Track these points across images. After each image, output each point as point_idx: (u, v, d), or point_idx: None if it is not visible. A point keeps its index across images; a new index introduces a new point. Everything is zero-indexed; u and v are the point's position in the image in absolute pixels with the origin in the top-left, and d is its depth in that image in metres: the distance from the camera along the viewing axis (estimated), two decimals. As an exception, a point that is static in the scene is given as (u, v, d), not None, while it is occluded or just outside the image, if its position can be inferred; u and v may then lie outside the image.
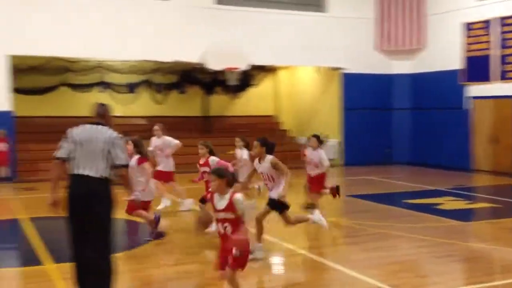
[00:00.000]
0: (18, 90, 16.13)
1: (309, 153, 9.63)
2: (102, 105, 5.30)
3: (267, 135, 19.54)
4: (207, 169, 7.99)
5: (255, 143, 7.06)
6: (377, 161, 18.46)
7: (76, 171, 4.86)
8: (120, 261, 6.80)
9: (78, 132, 4.99)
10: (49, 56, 16.35)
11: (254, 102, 21.18)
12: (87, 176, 4.83)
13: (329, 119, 19.31)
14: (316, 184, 9.57)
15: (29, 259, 6.99)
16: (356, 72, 18.61)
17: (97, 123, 5.08)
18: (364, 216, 9.81)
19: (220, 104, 20.71)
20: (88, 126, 5.05)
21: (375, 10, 18.92)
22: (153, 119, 19.50)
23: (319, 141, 9.51)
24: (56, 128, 11.40)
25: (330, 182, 10.17)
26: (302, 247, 7.67)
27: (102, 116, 5.18)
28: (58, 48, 15.32)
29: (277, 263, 7.16)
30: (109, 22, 15.79)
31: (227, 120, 20.63)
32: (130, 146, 7.82)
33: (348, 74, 18.66)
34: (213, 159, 8.10)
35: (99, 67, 18.46)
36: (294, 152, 19.67)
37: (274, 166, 6.91)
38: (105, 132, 5.01)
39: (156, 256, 7.18)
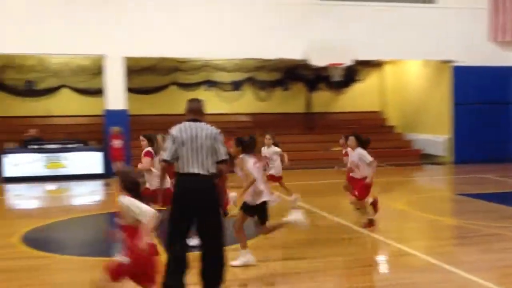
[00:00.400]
0: (131, 90, 17.04)
1: (350, 153, 8.74)
2: (197, 101, 5.25)
3: (372, 131, 18.86)
4: None
5: (231, 142, 6.57)
6: (493, 158, 17.33)
7: (185, 170, 4.88)
8: (231, 254, 6.97)
9: (180, 131, 4.96)
10: (160, 57, 17.18)
11: (359, 97, 20.77)
12: (197, 174, 4.88)
13: (439, 114, 18.45)
14: (360, 188, 8.35)
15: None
16: (469, 65, 17.61)
17: (195, 120, 5.06)
18: (478, 216, 9.24)
19: (324, 100, 20.53)
20: (187, 123, 5.02)
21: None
22: (257, 116, 19.87)
23: (359, 140, 8.46)
24: (166, 126, 11.79)
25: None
26: (413, 247, 7.37)
27: (197, 112, 5.14)
28: (169, 49, 16.01)
29: (387, 263, 6.95)
30: (214, 22, 16.24)
31: (331, 117, 20.41)
32: (144, 142, 7.99)
33: (460, 67, 17.71)
34: None
35: (206, 66, 19.05)
36: (401, 149, 19.11)
37: (240, 167, 6.24)
38: (207, 128, 5.01)
39: (264, 250, 7.23)
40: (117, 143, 15.46)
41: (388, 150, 18.64)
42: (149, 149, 7.86)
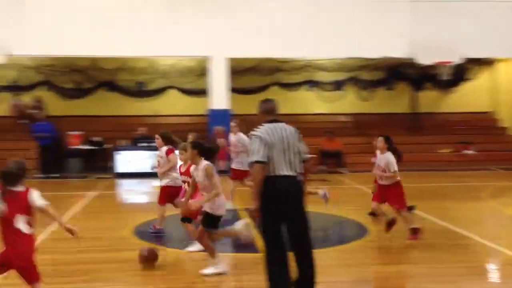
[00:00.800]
0: (235, 90, 17.42)
1: (378, 156, 7.81)
2: (272, 101, 5.20)
3: (482, 132, 17.81)
4: (187, 178, 6.86)
5: (188, 144, 6.38)
6: None
7: (276, 172, 4.84)
8: (333, 255, 6.94)
9: (267, 133, 4.89)
10: (262, 57, 17.43)
11: (468, 97, 19.73)
12: (288, 176, 4.86)
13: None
14: (392, 197, 7.50)
15: (247, 246, 7.45)
16: None
17: (276, 121, 5.01)
18: None
19: (431, 100, 19.72)
20: (271, 125, 4.96)
21: None
22: (358, 116, 19.53)
23: (388, 142, 7.59)
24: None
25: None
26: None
27: (275, 112, 5.09)
28: (271, 49, 16.18)
29: (499, 271, 6.53)
30: (316, 21, 16.19)
31: (438, 117, 19.57)
32: (159, 140, 8.18)
33: None
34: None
35: (308, 66, 19.04)
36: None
37: (207, 175, 5.87)
38: (289, 128, 4.98)
39: (365, 253, 7.10)
40: (221, 142, 15.86)
41: (500, 153, 17.60)
42: (169, 146, 8.13)
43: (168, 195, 8.04)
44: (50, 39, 15.35)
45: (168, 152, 8.13)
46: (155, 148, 15.76)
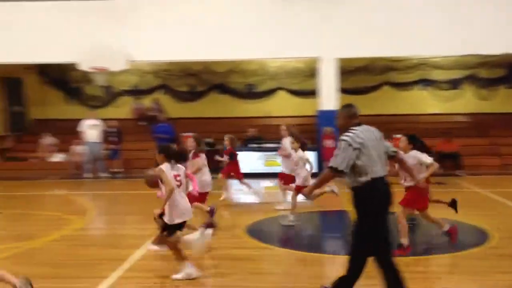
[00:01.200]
0: (344, 91, 17.21)
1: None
2: (354, 105, 5.15)
3: None
4: None
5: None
6: None
7: (375, 174, 4.76)
8: (451, 261, 6.62)
9: (363, 136, 4.83)
10: (372, 56, 17.05)
11: None
12: (383, 177, 4.83)
13: None
14: (406, 197, 7.07)
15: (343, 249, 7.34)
16: None
17: (360, 124, 4.98)
18: None
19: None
20: (361, 128, 4.91)
21: None
22: (476, 116, 18.47)
23: (411, 142, 7.16)
24: (378, 126, 11.66)
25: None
26: None
27: (357, 116, 5.05)
28: (380, 48, 15.76)
29: None
30: (431, 17, 15.54)
31: None
32: (191, 142, 8.49)
33: None
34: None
35: (422, 64, 18.37)
36: None
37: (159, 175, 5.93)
38: (374, 129, 5.01)
39: (486, 261, 6.68)
40: (329, 143, 15.74)
41: None
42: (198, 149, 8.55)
43: (194, 199, 7.57)
44: (167, 45, 16.12)
45: (194, 156, 8.49)
46: (265, 149, 16.20)
